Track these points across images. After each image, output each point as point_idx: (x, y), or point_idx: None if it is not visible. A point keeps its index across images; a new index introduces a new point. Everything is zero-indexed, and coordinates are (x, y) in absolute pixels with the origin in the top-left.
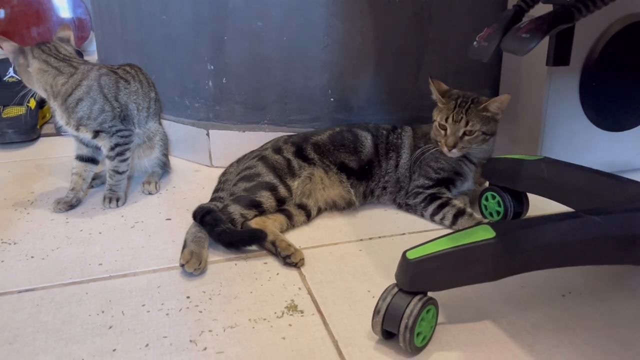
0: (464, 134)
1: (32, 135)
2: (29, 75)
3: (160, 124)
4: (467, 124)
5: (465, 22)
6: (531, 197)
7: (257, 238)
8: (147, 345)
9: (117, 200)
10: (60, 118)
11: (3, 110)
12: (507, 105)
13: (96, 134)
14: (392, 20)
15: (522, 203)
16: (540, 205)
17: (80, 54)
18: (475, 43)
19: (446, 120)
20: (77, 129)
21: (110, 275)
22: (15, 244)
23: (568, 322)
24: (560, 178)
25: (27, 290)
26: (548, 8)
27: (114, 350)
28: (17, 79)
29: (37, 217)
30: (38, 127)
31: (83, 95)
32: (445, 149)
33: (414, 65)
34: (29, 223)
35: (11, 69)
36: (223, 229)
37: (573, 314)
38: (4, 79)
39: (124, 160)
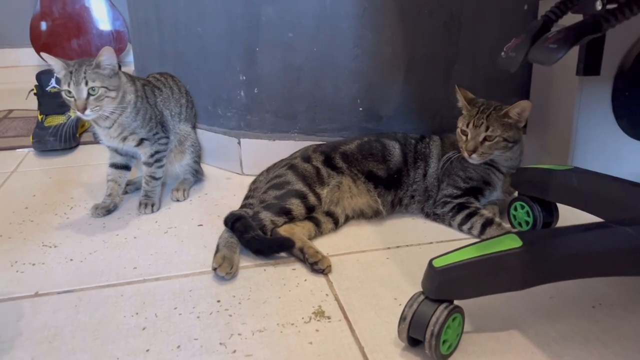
0: (485, 139)
1: (72, 143)
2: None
3: (193, 129)
4: (487, 129)
5: (495, 32)
6: (561, 207)
7: (284, 246)
8: (178, 346)
9: (152, 205)
10: (108, 135)
11: (45, 119)
12: (529, 112)
13: (140, 142)
14: (422, 31)
15: (551, 213)
16: (570, 216)
17: (118, 65)
18: (503, 53)
19: (467, 126)
20: (124, 140)
21: (145, 278)
22: (55, 247)
23: (598, 333)
24: (591, 188)
25: (66, 292)
26: (577, 18)
27: (147, 350)
28: (59, 89)
29: (76, 221)
30: (77, 135)
31: (141, 105)
32: (465, 154)
33: (443, 75)
34: (68, 227)
35: (53, 80)
36: (252, 235)
37: (603, 325)
38: (47, 89)
39: (161, 166)
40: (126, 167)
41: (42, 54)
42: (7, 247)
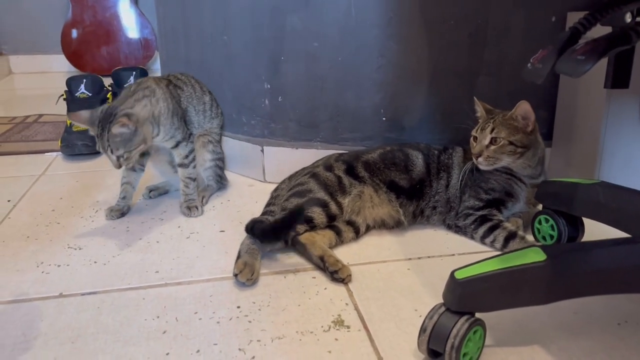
0: (491, 142)
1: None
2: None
3: (221, 129)
4: (492, 130)
5: (520, 44)
6: (587, 222)
7: (295, 217)
8: (198, 351)
9: (196, 208)
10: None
11: (74, 124)
12: (532, 114)
13: (177, 144)
14: (446, 42)
15: (576, 228)
16: (596, 231)
17: (145, 72)
18: (529, 65)
19: (477, 131)
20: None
21: (166, 282)
22: (80, 249)
23: (622, 351)
24: (617, 203)
25: (89, 293)
26: (606, 31)
27: (167, 354)
28: (88, 95)
29: (101, 225)
30: None
31: (174, 108)
32: (474, 159)
33: (467, 86)
34: (93, 230)
35: (82, 85)
36: (267, 223)
37: (629, 343)
38: (76, 94)
39: (195, 166)
40: (141, 169)
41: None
42: (34, 248)
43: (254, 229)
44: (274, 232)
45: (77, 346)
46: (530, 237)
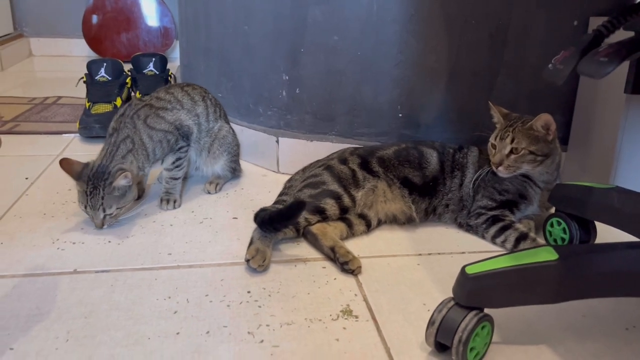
0: (511, 152)
1: None
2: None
3: (229, 129)
4: (512, 141)
5: (541, 47)
6: (600, 226)
7: (295, 209)
8: (207, 332)
9: (174, 202)
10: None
11: (92, 106)
12: (554, 126)
13: (162, 160)
14: (467, 41)
15: (589, 232)
16: (607, 236)
17: (164, 59)
18: (550, 65)
19: (495, 139)
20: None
21: (178, 264)
22: (95, 229)
23: (629, 356)
24: (632, 208)
25: (103, 271)
26: (629, 35)
27: (177, 333)
28: (108, 78)
29: None
30: None
31: (153, 145)
32: (493, 167)
33: (486, 86)
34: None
35: (102, 69)
36: (267, 212)
37: (635, 348)
38: (96, 77)
39: (181, 169)
40: None
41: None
42: (50, 225)
43: (256, 217)
44: (271, 222)
45: (90, 321)
46: (541, 240)
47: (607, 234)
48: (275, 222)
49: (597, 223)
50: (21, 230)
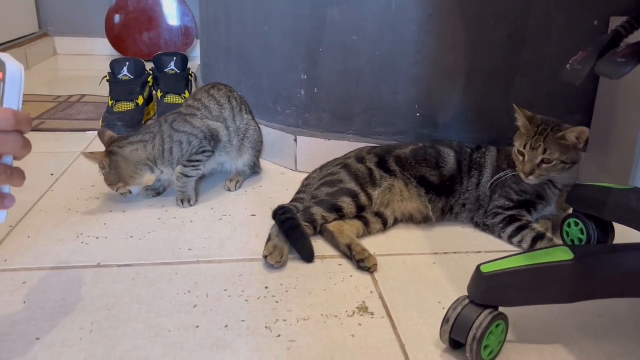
0: (542, 161)
1: (137, 128)
2: (125, 167)
3: (255, 126)
4: (545, 151)
5: (561, 47)
6: (618, 228)
7: (304, 253)
8: (226, 326)
9: (189, 200)
10: (167, 175)
11: (115, 105)
12: (586, 137)
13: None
14: (485, 40)
15: (607, 233)
16: (627, 237)
17: (185, 58)
18: (568, 66)
19: (524, 147)
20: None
21: (198, 260)
22: (117, 223)
23: None
24: None
25: (125, 265)
26: None
27: (197, 327)
28: (130, 77)
29: (138, 202)
30: (143, 122)
31: (171, 144)
32: (522, 176)
33: (504, 86)
34: (130, 207)
35: (125, 68)
36: (288, 217)
37: None
38: (118, 76)
39: (196, 169)
40: None
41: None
42: (75, 220)
43: (275, 215)
44: (284, 231)
45: (113, 313)
46: (558, 240)
47: (626, 235)
48: (285, 234)
49: (615, 224)
50: (47, 225)
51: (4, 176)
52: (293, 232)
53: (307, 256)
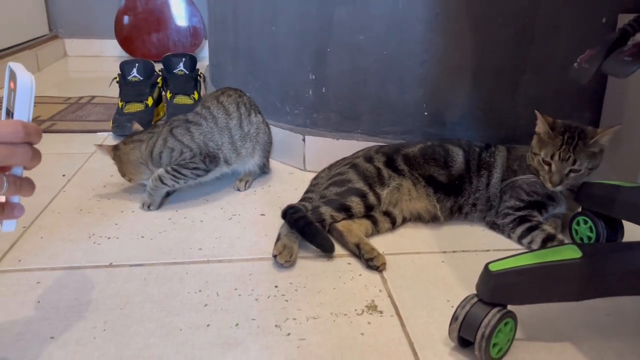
0: (570, 171)
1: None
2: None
3: (265, 129)
4: (574, 162)
5: (569, 45)
6: (627, 226)
7: (322, 246)
8: (237, 324)
9: (149, 205)
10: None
11: (125, 106)
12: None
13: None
14: (492, 39)
15: (616, 230)
16: (637, 235)
17: (194, 59)
18: (575, 64)
19: (552, 157)
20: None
21: (209, 259)
22: (128, 224)
23: None
24: None
25: (136, 265)
26: None
27: (208, 325)
28: (140, 78)
29: None
30: (153, 123)
31: (162, 148)
32: (549, 185)
33: (511, 84)
34: (141, 208)
35: (134, 70)
36: (300, 216)
37: None
38: (128, 77)
39: (177, 181)
40: None
41: None
42: (87, 221)
43: (284, 214)
44: (298, 230)
45: (125, 312)
46: (568, 241)
47: (636, 233)
48: (306, 233)
49: (624, 222)
50: (59, 226)
51: (14, 187)
52: (309, 228)
53: (329, 247)
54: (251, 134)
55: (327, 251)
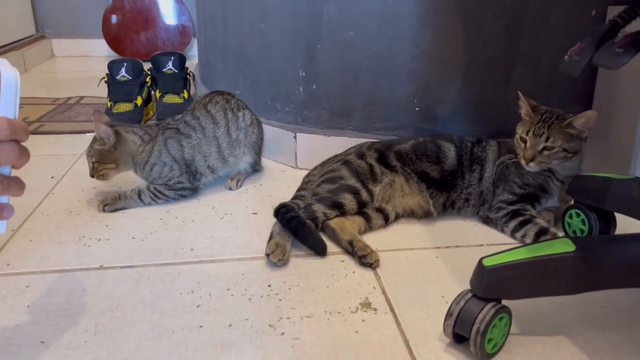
0: (544, 148)
1: None
2: (122, 151)
3: (258, 130)
4: (547, 139)
5: (559, 38)
6: (620, 218)
7: (316, 248)
8: (230, 325)
9: (107, 206)
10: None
11: (114, 105)
12: (594, 122)
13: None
14: (482, 33)
15: (608, 223)
16: (629, 227)
17: (183, 58)
18: (566, 57)
19: (527, 134)
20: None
21: (200, 260)
22: (119, 225)
23: None
24: None
25: (128, 267)
26: None
27: (201, 326)
28: (128, 78)
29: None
30: (142, 122)
31: (156, 160)
32: (523, 162)
33: (502, 78)
34: (132, 209)
35: (123, 69)
36: (292, 216)
37: None
38: (117, 77)
39: (155, 200)
40: None
41: None
42: (76, 223)
43: (276, 213)
44: (291, 231)
45: (117, 315)
46: (561, 234)
47: (627, 225)
48: (291, 232)
49: (617, 214)
50: (49, 228)
51: (1, 187)
52: (301, 229)
53: (321, 249)
54: (240, 139)
55: (319, 253)
